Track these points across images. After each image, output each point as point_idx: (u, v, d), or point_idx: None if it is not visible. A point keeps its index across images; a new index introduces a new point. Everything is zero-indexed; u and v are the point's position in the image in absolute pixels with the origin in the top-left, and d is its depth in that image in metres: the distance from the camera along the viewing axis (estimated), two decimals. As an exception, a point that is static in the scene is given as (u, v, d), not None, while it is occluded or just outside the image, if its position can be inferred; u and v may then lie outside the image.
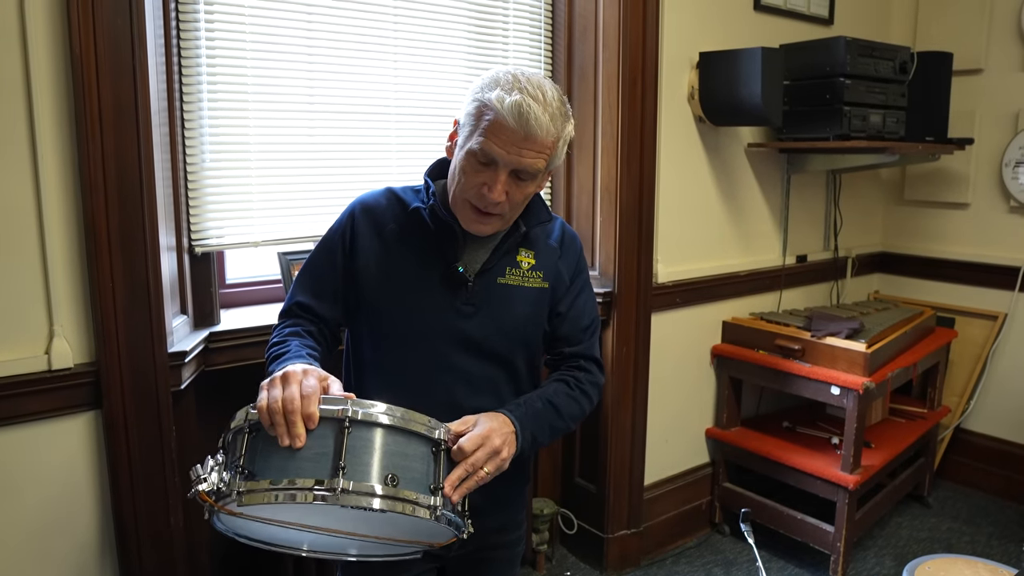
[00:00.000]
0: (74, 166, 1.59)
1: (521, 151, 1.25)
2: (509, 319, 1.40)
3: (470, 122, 1.29)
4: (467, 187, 1.30)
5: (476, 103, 1.28)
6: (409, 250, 1.38)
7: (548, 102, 1.26)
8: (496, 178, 1.27)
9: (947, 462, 3.40)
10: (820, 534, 2.65)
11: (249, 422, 1.09)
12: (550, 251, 1.46)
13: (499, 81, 1.27)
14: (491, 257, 1.39)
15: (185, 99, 1.85)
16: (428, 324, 1.37)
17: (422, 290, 1.37)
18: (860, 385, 2.48)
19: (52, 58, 1.55)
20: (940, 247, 3.40)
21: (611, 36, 2.39)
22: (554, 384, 1.44)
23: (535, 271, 1.43)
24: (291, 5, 1.96)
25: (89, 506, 1.71)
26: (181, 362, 1.76)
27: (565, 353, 1.50)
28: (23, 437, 1.60)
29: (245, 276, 2.22)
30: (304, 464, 1.03)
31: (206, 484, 1.03)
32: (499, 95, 1.24)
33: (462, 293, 1.37)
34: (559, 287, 1.47)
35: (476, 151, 1.26)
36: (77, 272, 1.63)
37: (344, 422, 1.06)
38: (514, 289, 1.41)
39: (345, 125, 2.10)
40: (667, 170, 2.62)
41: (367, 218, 1.41)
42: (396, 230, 1.39)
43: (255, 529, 1.17)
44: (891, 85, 2.75)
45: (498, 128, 1.24)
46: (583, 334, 1.50)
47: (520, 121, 1.23)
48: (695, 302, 2.81)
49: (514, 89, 1.24)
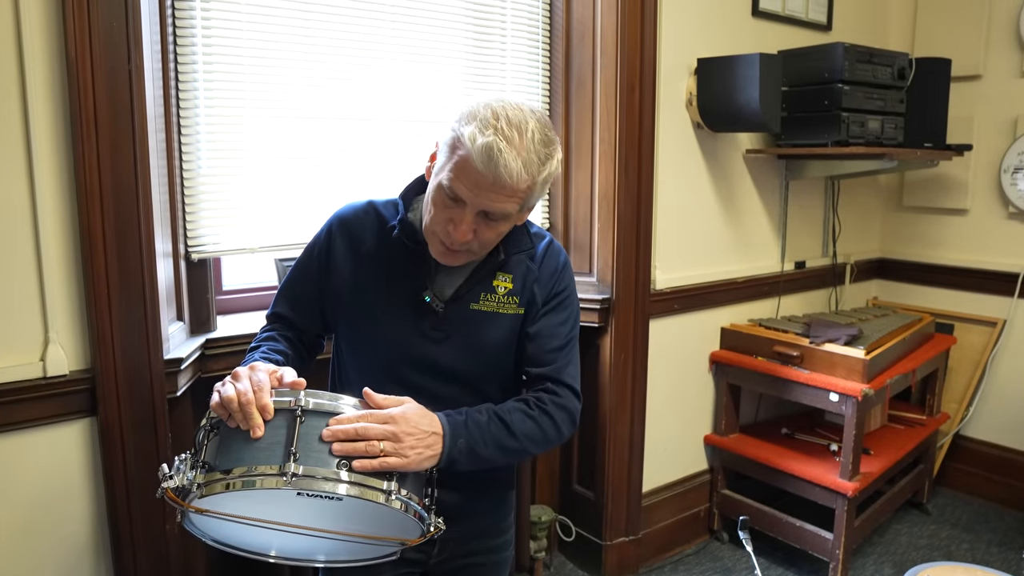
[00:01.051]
0: (70, 171, 1.59)
1: (489, 195, 1.20)
2: (480, 346, 1.37)
3: (446, 152, 1.23)
4: (435, 221, 1.26)
5: (453, 134, 1.22)
6: (383, 270, 1.36)
7: (524, 145, 1.18)
8: (463, 217, 1.22)
9: (946, 469, 3.39)
10: (819, 541, 2.64)
11: (210, 421, 1.14)
12: (528, 273, 1.40)
13: (477, 115, 1.19)
14: (464, 283, 1.35)
15: (181, 104, 1.84)
16: (396, 347, 1.35)
17: (392, 313, 1.35)
18: (859, 392, 2.47)
19: (48, 62, 1.54)
20: (939, 253, 3.40)
21: (609, 43, 2.39)
22: (510, 403, 1.34)
23: (511, 296, 1.38)
24: (288, 11, 1.96)
25: (84, 513, 1.70)
26: (177, 369, 1.76)
27: (531, 374, 1.40)
28: (18, 444, 1.59)
29: (242, 283, 2.22)
30: (259, 453, 1.08)
31: (173, 482, 1.08)
32: (472, 133, 1.17)
33: (431, 319, 1.34)
34: (531, 309, 1.40)
35: (445, 187, 1.22)
36: (72, 278, 1.62)
37: (296, 411, 1.10)
38: (488, 316, 1.36)
39: (342, 132, 2.10)
40: (665, 176, 2.62)
41: (344, 234, 1.38)
42: (373, 248, 1.37)
43: (225, 533, 1.19)
44: (889, 91, 2.75)
45: (467, 168, 1.18)
46: (550, 355, 1.39)
47: (488, 166, 1.16)
48: (693, 308, 2.80)
49: (488, 127, 1.17)
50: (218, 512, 1.11)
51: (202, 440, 1.13)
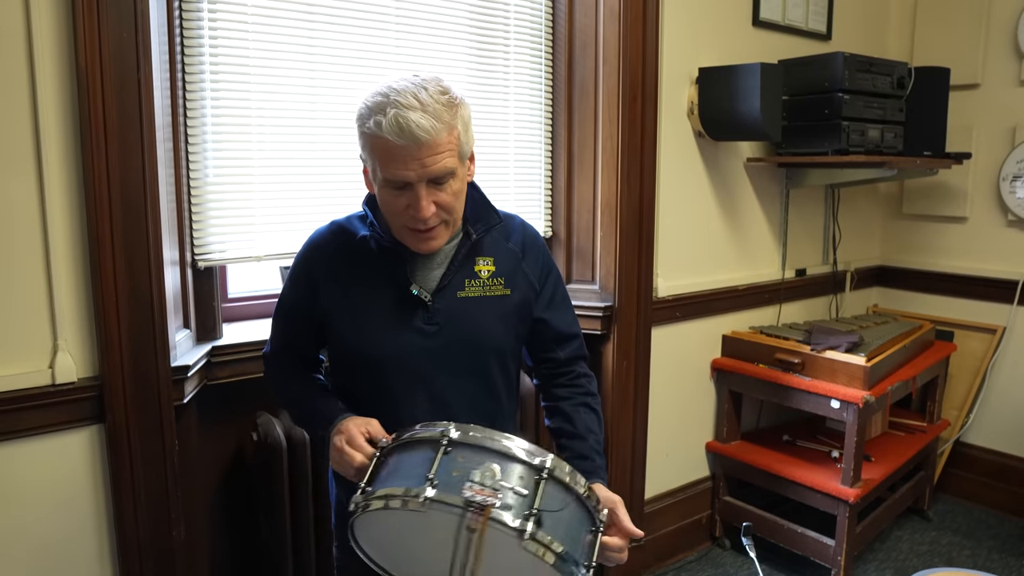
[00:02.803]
0: (79, 179, 1.60)
1: (422, 161, 1.24)
2: (474, 333, 1.40)
3: (367, 155, 1.30)
4: (397, 214, 1.30)
5: (362, 136, 1.28)
6: (364, 280, 1.40)
7: (424, 102, 1.23)
8: (417, 196, 1.27)
9: (946, 476, 3.40)
10: (821, 548, 2.64)
11: (380, 447, 1.22)
12: (510, 255, 1.45)
13: (371, 106, 1.25)
14: (446, 273, 1.39)
15: (189, 114, 1.86)
16: (395, 349, 1.38)
17: (383, 317, 1.38)
18: (860, 399, 2.49)
19: (58, 71, 1.56)
20: (938, 261, 3.41)
21: (611, 52, 2.41)
22: (583, 413, 1.47)
23: (496, 278, 1.42)
24: (294, 21, 1.97)
25: (91, 520, 1.70)
26: (184, 376, 1.77)
27: (560, 359, 1.50)
28: (25, 452, 1.60)
29: (246, 291, 2.23)
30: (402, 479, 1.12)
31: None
32: (376, 120, 1.23)
33: (422, 313, 1.38)
34: (529, 292, 1.46)
35: (385, 180, 1.27)
36: (81, 286, 1.63)
37: (443, 442, 1.12)
38: (475, 301, 1.40)
39: (346, 141, 2.11)
40: (667, 185, 2.63)
41: (318, 259, 1.43)
42: (350, 260, 1.41)
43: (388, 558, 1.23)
44: (889, 100, 2.77)
45: (389, 150, 1.23)
46: (571, 331, 1.52)
47: (404, 135, 1.21)
48: (695, 316, 2.82)
49: (387, 107, 1.22)
50: (370, 531, 1.18)
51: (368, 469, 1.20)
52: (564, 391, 1.51)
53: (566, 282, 2.59)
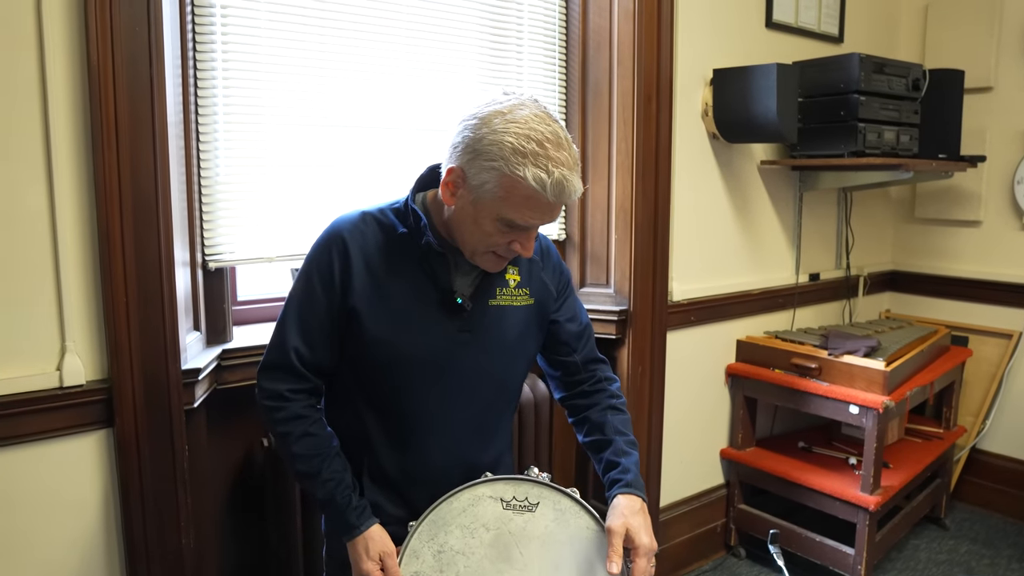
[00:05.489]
0: (89, 178, 1.56)
1: (554, 213, 1.25)
2: (502, 341, 1.40)
3: (495, 191, 1.21)
4: (494, 244, 1.27)
5: (501, 175, 1.19)
6: (400, 278, 1.33)
7: (573, 159, 1.22)
8: (528, 237, 1.28)
9: (962, 483, 3.35)
10: (840, 556, 2.59)
11: None
12: (532, 264, 1.46)
13: (523, 152, 1.17)
14: (483, 280, 1.38)
15: (200, 112, 1.82)
16: (428, 351, 1.34)
17: (418, 318, 1.34)
18: (880, 404, 2.44)
19: (69, 67, 1.52)
20: (952, 265, 3.38)
21: (626, 52, 2.38)
22: (610, 416, 1.47)
23: (521, 288, 1.42)
24: (306, 19, 1.94)
25: (98, 526, 1.65)
26: (195, 379, 1.72)
27: (576, 362, 1.51)
28: (32, 456, 1.55)
29: (254, 293, 2.18)
30: None
31: None
32: (536, 176, 1.17)
33: (457, 320, 1.35)
34: (547, 299, 1.46)
35: (510, 221, 1.23)
36: (90, 286, 1.59)
37: None
38: (505, 310, 1.40)
39: (358, 140, 2.08)
40: (681, 187, 2.60)
41: (352, 249, 1.33)
42: (384, 256, 1.34)
43: None
44: (904, 102, 2.74)
45: (537, 203, 1.21)
46: (584, 334, 1.53)
47: (562, 196, 1.21)
48: (709, 320, 2.78)
49: (547, 163, 1.17)
50: None
51: None
52: (587, 399, 1.50)
53: (580, 286, 2.56)
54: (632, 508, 1.33)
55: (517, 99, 1.24)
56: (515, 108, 1.21)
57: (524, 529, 1.32)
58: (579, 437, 1.52)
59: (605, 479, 1.41)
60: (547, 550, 1.32)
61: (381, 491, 1.39)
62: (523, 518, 1.32)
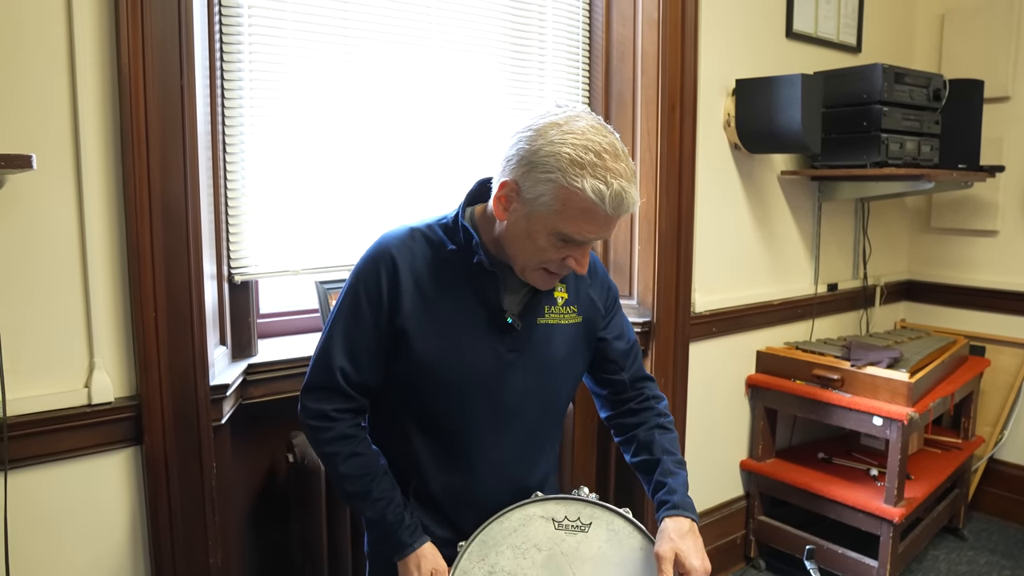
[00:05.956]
0: (119, 189, 1.52)
1: (611, 227, 1.22)
2: (549, 360, 1.37)
3: (551, 204, 1.17)
4: (547, 260, 1.24)
5: (558, 186, 1.16)
6: (449, 297, 1.30)
7: (631, 170, 1.19)
8: (583, 252, 1.24)
9: (980, 493, 3.33)
10: (863, 569, 2.57)
11: None
12: (580, 281, 1.42)
13: (580, 163, 1.14)
14: (532, 299, 1.35)
15: (227, 122, 1.79)
16: (477, 371, 1.31)
17: (469, 337, 1.31)
18: (904, 416, 2.42)
19: (99, 75, 1.48)
20: (968, 275, 3.37)
21: (650, 62, 2.36)
22: (658, 436, 1.45)
23: (569, 306, 1.39)
24: (332, 30, 1.91)
25: (125, 546, 1.62)
26: (223, 395, 1.69)
27: (624, 380, 1.48)
28: (59, 475, 1.52)
29: (277, 307, 2.15)
30: None
31: None
32: (595, 187, 1.14)
33: (507, 339, 1.32)
34: (595, 316, 1.44)
35: (565, 235, 1.19)
36: (119, 300, 1.55)
37: None
38: (554, 328, 1.37)
39: (385, 152, 2.05)
40: (703, 198, 2.58)
41: (399, 266, 1.29)
42: (433, 273, 1.30)
43: None
44: (925, 112, 2.73)
45: (594, 216, 1.18)
46: (631, 351, 1.51)
47: (620, 209, 1.18)
48: (730, 331, 2.75)
49: (603, 172, 1.14)
50: None
51: None
52: (635, 418, 1.48)
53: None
54: (680, 531, 1.31)
55: (572, 110, 1.21)
56: (571, 119, 1.19)
57: (577, 550, 1.29)
58: (627, 457, 1.50)
59: (654, 500, 1.39)
60: (600, 571, 1.29)
61: (427, 512, 1.36)
62: (575, 539, 1.30)
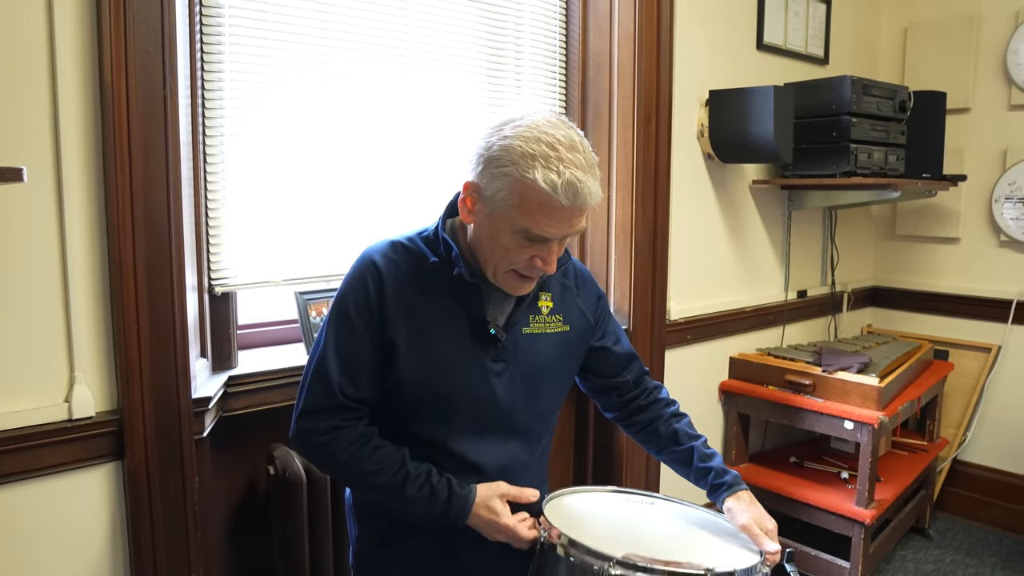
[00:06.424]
0: (100, 201, 1.51)
1: (572, 222, 1.20)
2: (535, 371, 1.37)
3: (508, 199, 1.18)
4: (514, 260, 1.23)
5: (512, 180, 1.16)
6: (433, 309, 1.30)
7: (588, 162, 1.18)
8: (549, 250, 1.22)
9: (944, 494, 3.42)
10: (835, 570, 2.63)
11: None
12: (566, 291, 1.43)
13: (532, 155, 1.14)
14: (516, 308, 1.35)
15: (208, 132, 1.78)
16: (466, 383, 1.32)
17: (456, 350, 1.31)
18: (875, 419, 2.48)
19: (82, 88, 1.47)
20: (932, 281, 3.46)
21: (626, 74, 2.39)
22: (676, 424, 1.52)
23: (554, 315, 1.40)
24: (312, 41, 1.91)
25: (107, 560, 1.59)
26: (205, 408, 1.68)
27: (628, 381, 1.52)
28: (41, 491, 1.49)
29: (255, 317, 2.14)
30: None
31: None
32: (546, 177, 1.13)
33: (492, 350, 1.33)
34: (585, 327, 1.45)
35: (526, 231, 1.19)
36: (100, 314, 1.53)
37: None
38: (539, 337, 1.38)
39: (364, 164, 2.05)
40: (677, 207, 2.62)
41: (387, 278, 1.29)
42: (416, 285, 1.30)
43: None
44: (891, 123, 2.81)
45: (551, 209, 1.16)
46: (629, 351, 1.53)
47: (576, 200, 1.16)
48: (704, 338, 2.80)
49: (555, 162, 1.14)
50: None
51: None
52: (647, 413, 1.52)
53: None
54: (747, 502, 1.38)
55: (534, 111, 1.22)
56: (528, 115, 1.20)
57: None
58: (653, 454, 1.56)
59: (704, 485, 1.47)
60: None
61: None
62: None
